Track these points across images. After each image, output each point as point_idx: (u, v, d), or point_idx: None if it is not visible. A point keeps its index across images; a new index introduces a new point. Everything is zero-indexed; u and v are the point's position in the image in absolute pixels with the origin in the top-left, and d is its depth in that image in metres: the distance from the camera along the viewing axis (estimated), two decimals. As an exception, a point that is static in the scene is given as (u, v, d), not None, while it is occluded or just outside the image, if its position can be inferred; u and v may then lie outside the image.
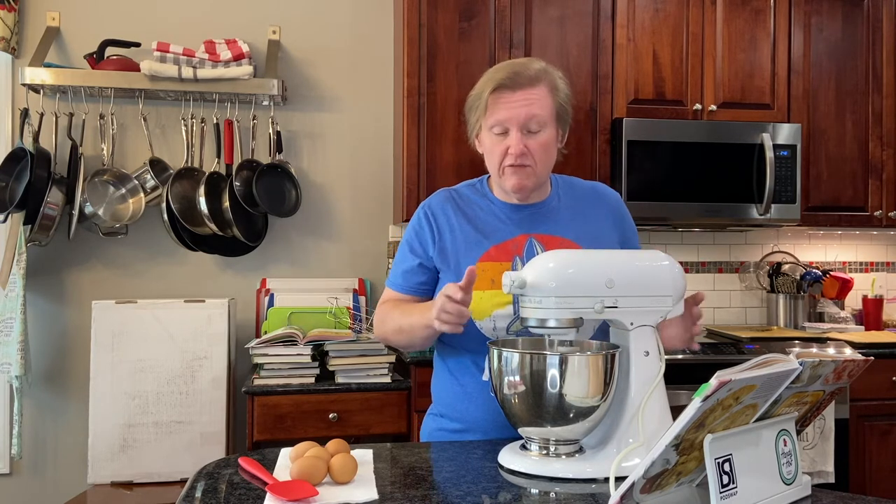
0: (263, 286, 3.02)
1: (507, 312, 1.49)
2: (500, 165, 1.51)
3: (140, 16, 3.02)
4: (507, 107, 1.47)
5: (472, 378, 1.54)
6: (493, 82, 1.47)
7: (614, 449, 1.26)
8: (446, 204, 1.60)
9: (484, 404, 1.51)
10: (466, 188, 1.64)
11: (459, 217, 1.58)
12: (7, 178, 2.78)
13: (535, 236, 1.55)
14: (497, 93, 1.47)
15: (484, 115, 1.49)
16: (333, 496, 1.12)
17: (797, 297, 3.24)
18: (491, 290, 1.49)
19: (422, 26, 2.80)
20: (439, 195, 1.63)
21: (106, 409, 2.67)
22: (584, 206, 1.62)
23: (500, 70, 1.49)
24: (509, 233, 1.55)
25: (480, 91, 1.50)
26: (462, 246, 1.54)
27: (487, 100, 1.47)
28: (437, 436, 1.60)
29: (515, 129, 1.47)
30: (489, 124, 1.49)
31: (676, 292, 1.33)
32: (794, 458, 1.13)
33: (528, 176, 1.51)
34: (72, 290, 2.97)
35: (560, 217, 1.59)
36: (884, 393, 2.79)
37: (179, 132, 2.96)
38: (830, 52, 3.11)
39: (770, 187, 2.93)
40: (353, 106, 3.16)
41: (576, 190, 1.65)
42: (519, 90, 1.46)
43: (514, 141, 1.47)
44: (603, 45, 2.94)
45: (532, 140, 1.48)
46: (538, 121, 1.47)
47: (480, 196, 1.61)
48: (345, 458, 1.18)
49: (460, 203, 1.60)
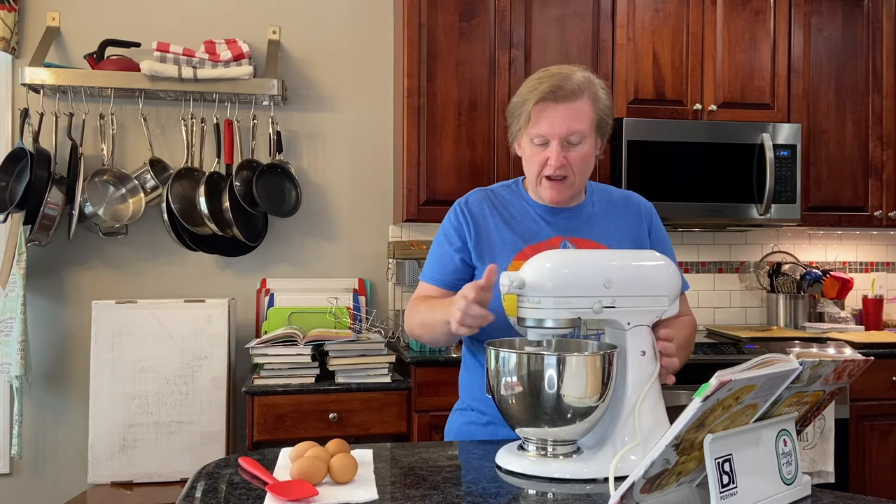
0: (263, 286, 3.02)
1: None
2: (539, 175, 1.54)
3: (140, 16, 3.02)
4: (549, 121, 1.49)
5: None
6: (537, 94, 1.49)
7: (611, 449, 1.26)
8: (483, 203, 1.62)
9: None
10: (502, 189, 1.66)
11: (496, 216, 1.60)
12: (7, 178, 2.78)
13: (570, 239, 1.58)
14: (541, 105, 1.49)
15: (526, 125, 1.51)
16: (333, 496, 1.12)
17: (797, 297, 3.24)
18: None
19: (422, 26, 2.80)
20: (476, 194, 1.65)
21: (106, 409, 2.67)
22: (619, 212, 1.65)
23: (543, 80, 1.51)
24: (544, 234, 1.58)
25: (523, 100, 1.52)
26: (498, 244, 1.57)
27: (531, 111, 1.49)
28: (467, 430, 1.60)
29: (556, 142, 1.50)
30: (530, 135, 1.52)
31: (672, 292, 1.34)
32: (794, 458, 1.13)
33: (566, 188, 1.55)
34: (72, 290, 2.97)
35: (594, 222, 1.61)
36: (884, 393, 2.79)
37: (179, 132, 2.96)
38: (830, 52, 3.11)
39: (770, 187, 2.93)
40: (353, 106, 3.16)
41: (611, 197, 1.68)
42: (562, 102, 1.49)
43: (555, 154, 1.50)
44: (603, 45, 2.94)
45: (572, 152, 1.51)
46: (579, 134, 1.50)
47: (516, 197, 1.64)
48: (345, 458, 1.18)
49: (496, 203, 1.62)
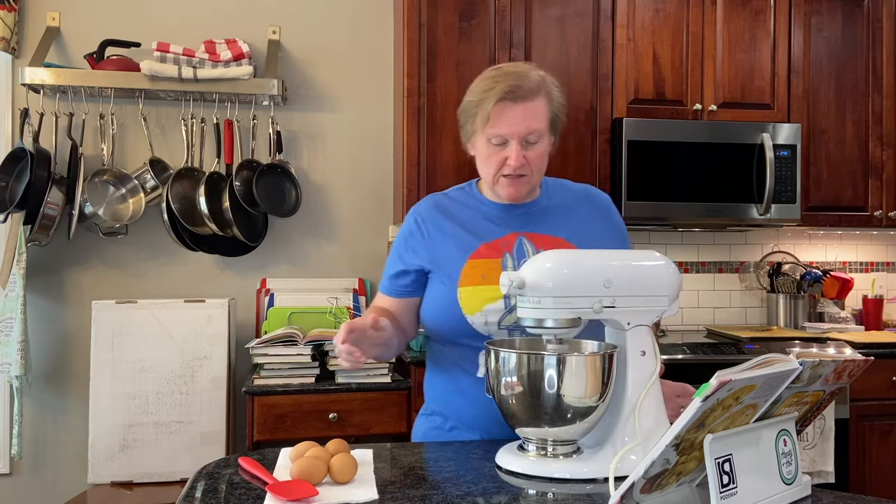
0: (263, 286, 3.02)
1: (497, 307, 1.49)
2: (497, 174, 1.53)
3: (140, 16, 3.02)
4: (509, 121, 1.48)
5: (466, 375, 1.54)
6: (495, 94, 1.47)
7: (611, 449, 1.26)
8: (435, 207, 1.62)
9: (478, 401, 1.51)
10: (456, 192, 1.67)
11: (449, 219, 1.60)
12: (7, 178, 2.78)
13: (526, 235, 1.57)
14: (500, 105, 1.47)
15: (484, 125, 1.49)
16: (333, 496, 1.12)
17: (797, 297, 3.24)
18: (482, 285, 1.50)
19: (422, 26, 2.80)
20: (428, 200, 1.65)
21: (106, 409, 2.68)
22: (576, 206, 1.64)
23: (499, 80, 1.49)
24: (499, 232, 1.57)
25: (479, 99, 1.50)
26: (453, 247, 1.56)
27: (490, 111, 1.48)
28: (431, 435, 1.60)
29: (515, 141, 1.49)
30: (488, 135, 1.50)
31: (672, 292, 1.34)
32: (794, 458, 1.13)
33: (524, 185, 1.54)
34: (72, 290, 2.97)
35: (550, 216, 1.61)
36: (884, 393, 2.79)
37: (179, 132, 2.96)
38: (830, 52, 3.11)
39: (770, 187, 2.93)
40: (353, 106, 3.16)
41: (568, 191, 1.67)
42: (520, 102, 1.47)
43: (514, 154, 1.49)
44: (603, 45, 2.94)
45: (530, 151, 1.51)
46: (537, 133, 1.50)
47: (470, 198, 1.63)
48: (345, 458, 1.18)
49: (450, 206, 1.62)
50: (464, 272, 1.52)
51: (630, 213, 2.86)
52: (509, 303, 1.49)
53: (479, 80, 1.53)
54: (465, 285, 1.51)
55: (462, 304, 1.50)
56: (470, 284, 1.51)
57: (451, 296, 1.51)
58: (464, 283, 1.51)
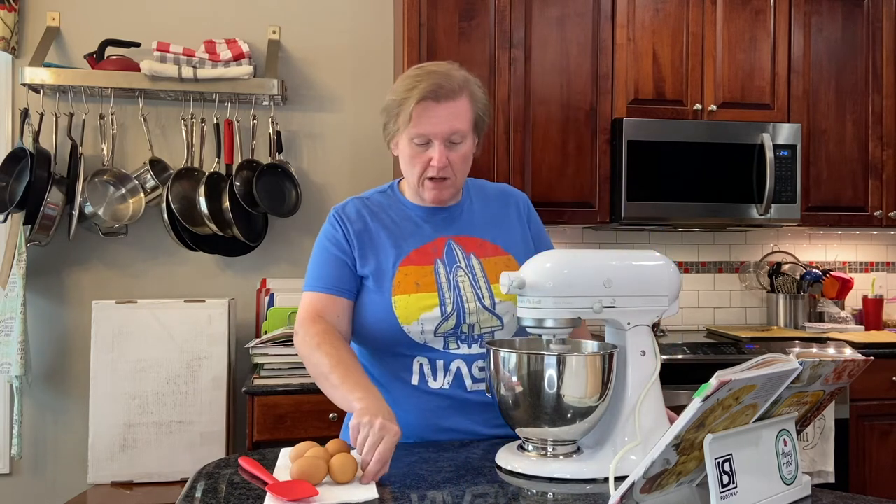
0: (263, 286, 3.02)
1: (434, 315, 1.48)
2: (421, 176, 1.51)
3: (140, 16, 3.02)
4: (431, 121, 1.46)
5: (400, 384, 1.51)
6: (418, 93, 1.44)
7: (611, 449, 1.26)
8: (361, 211, 1.58)
9: (413, 410, 1.49)
10: (378, 195, 1.63)
11: (376, 223, 1.57)
12: (7, 178, 2.77)
13: (454, 238, 1.57)
14: (422, 104, 1.45)
15: (407, 125, 1.47)
16: (333, 496, 1.12)
17: (797, 297, 3.24)
18: (416, 293, 1.49)
19: (422, 26, 2.80)
20: (353, 202, 1.60)
21: (106, 409, 2.67)
22: (495, 207, 1.65)
23: (422, 79, 1.46)
24: (427, 236, 1.56)
25: (402, 98, 1.47)
26: (381, 251, 1.54)
27: (412, 111, 1.45)
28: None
29: (439, 142, 1.48)
30: (411, 135, 1.48)
31: (672, 292, 1.34)
32: (794, 458, 1.13)
33: (448, 187, 1.53)
34: (72, 290, 2.97)
35: (474, 219, 1.61)
36: (884, 393, 2.79)
37: (179, 132, 2.96)
38: (830, 52, 3.11)
39: (770, 187, 2.93)
40: (353, 106, 3.16)
41: (486, 192, 1.67)
42: (443, 102, 1.46)
43: (438, 154, 1.48)
44: (603, 45, 2.94)
45: (453, 152, 1.49)
46: (460, 133, 1.49)
47: (394, 201, 1.61)
48: (345, 458, 1.19)
49: (375, 209, 1.59)
50: (396, 280, 1.50)
51: (630, 213, 2.86)
52: (445, 310, 1.48)
53: (402, 79, 1.51)
54: (400, 294, 1.49)
55: (398, 314, 1.47)
56: (404, 293, 1.49)
57: (385, 305, 1.49)
58: (398, 292, 1.49)
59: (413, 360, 1.50)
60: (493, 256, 1.58)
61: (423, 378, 1.50)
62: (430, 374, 1.50)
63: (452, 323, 1.49)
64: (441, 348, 1.50)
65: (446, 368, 1.50)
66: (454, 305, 1.50)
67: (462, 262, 1.55)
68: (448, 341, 1.49)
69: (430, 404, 1.50)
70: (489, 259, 1.57)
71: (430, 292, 1.49)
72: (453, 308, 1.49)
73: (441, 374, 1.50)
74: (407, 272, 1.51)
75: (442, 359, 1.50)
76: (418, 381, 1.50)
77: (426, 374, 1.50)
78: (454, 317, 1.49)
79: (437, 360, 1.50)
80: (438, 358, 1.50)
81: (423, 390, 1.50)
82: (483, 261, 1.56)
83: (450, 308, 1.49)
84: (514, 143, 2.87)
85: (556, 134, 2.90)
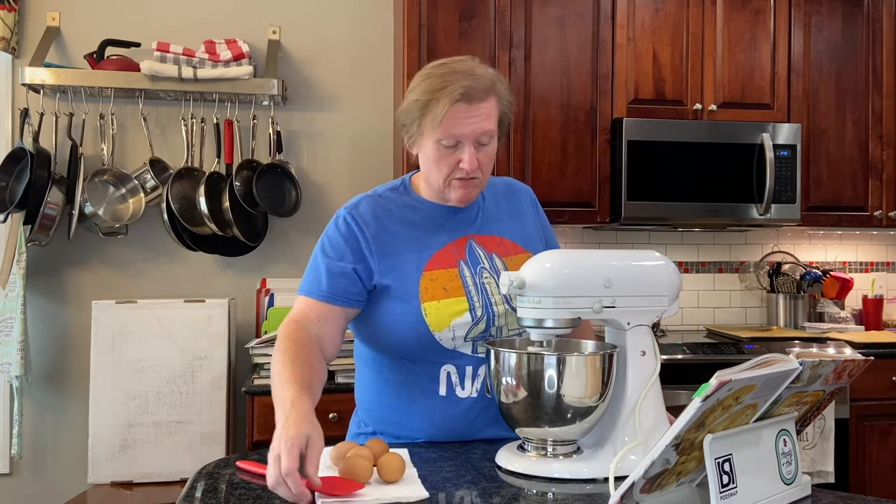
0: (263, 286, 3.02)
1: (464, 321, 1.43)
2: (448, 178, 1.46)
3: (140, 16, 3.02)
4: (464, 123, 1.40)
5: (429, 398, 1.46)
6: (448, 95, 1.38)
7: (611, 449, 1.26)
8: (377, 210, 1.51)
9: (441, 424, 1.46)
10: (390, 192, 1.56)
11: (394, 223, 1.50)
12: (7, 178, 2.77)
13: (474, 237, 1.53)
14: (455, 107, 1.39)
15: (435, 127, 1.40)
16: (384, 494, 1.12)
17: (797, 297, 3.24)
18: (446, 299, 1.44)
19: (422, 26, 2.80)
20: (365, 203, 1.52)
21: (106, 409, 2.67)
22: (507, 202, 1.62)
23: (451, 80, 1.40)
24: (447, 237, 1.50)
25: (428, 99, 1.40)
26: (402, 257, 1.47)
27: (442, 114, 1.38)
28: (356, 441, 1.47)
29: (469, 144, 1.42)
30: (439, 136, 1.41)
31: (672, 292, 1.34)
32: (794, 458, 1.13)
33: (476, 187, 1.48)
34: (72, 290, 2.97)
35: (490, 216, 1.57)
36: (884, 393, 2.79)
37: (179, 132, 2.96)
38: (830, 52, 3.11)
39: (770, 187, 2.93)
40: (353, 106, 3.16)
41: (495, 187, 1.63)
42: (475, 104, 1.40)
43: (470, 157, 1.42)
44: (603, 45, 2.94)
45: (481, 152, 1.44)
46: (489, 134, 1.44)
47: (409, 199, 1.54)
48: (393, 457, 1.19)
49: (391, 208, 1.52)
50: (423, 286, 1.44)
51: (630, 213, 2.86)
52: (475, 314, 1.44)
53: (424, 79, 1.44)
54: (429, 300, 1.43)
55: (429, 321, 1.42)
56: (433, 299, 1.43)
57: (414, 313, 1.42)
58: (426, 299, 1.43)
59: (440, 369, 1.45)
60: (514, 255, 1.54)
61: (451, 387, 1.45)
62: (458, 383, 1.45)
63: (482, 327, 1.45)
64: (470, 353, 1.45)
65: (474, 374, 1.46)
66: (483, 309, 1.45)
67: (486, 263, 1.50)
68: (476, 345, 1.46)
69: (460, 414, 1.46)
70: (511, 258, 1.53)
71: (459, 297, 1.44)
72: (483, 312, 1.45)
73: (469, 382, 1.45)
74: (433, 276, 1.45)
75: (470, 364, 1.45)
76: (446, 391, 1.46)
77: (454, 382, 1.45)
78: (484, 320, 1.45)
79: (465, 366, 1.45)
80: (467, 364, 1.45)
81: (452, 400, 1.45)
82: (506, 260, 1.52)
83: (479, 312, 1.45)
84: (514, 143, 2.87)
85: (556, 134, 2.90)
